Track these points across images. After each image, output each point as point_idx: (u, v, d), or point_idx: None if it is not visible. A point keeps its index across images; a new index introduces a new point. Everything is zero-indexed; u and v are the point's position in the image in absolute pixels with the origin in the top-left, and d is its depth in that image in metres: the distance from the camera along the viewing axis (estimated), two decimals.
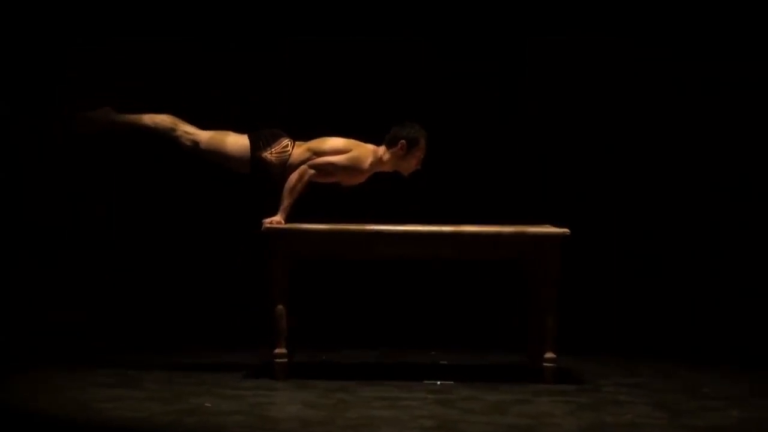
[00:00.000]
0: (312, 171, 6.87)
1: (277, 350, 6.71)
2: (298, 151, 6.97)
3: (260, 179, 6.95)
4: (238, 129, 7.04)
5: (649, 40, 8.40)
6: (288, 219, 6.79)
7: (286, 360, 6.72)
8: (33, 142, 8.40)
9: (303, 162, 6.92)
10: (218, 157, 6.97)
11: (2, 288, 8.34)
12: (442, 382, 6.73)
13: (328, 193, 7.15)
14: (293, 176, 6.87)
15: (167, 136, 6.98)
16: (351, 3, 8.43)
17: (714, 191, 8.45)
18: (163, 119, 7.00)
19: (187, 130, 6.97)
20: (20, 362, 7.17)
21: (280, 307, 6.68)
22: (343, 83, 8.47)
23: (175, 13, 8.40)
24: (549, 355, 6.67)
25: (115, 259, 8.54)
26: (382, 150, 6.95)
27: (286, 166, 6.95)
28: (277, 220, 6.76)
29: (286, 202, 6.82)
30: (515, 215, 7.16)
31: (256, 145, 6.97)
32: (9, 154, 8.40)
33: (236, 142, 6.96)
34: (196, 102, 7.79)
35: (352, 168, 6.93)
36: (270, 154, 6.94)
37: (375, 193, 7.39)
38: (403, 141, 6.90)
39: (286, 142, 6.96)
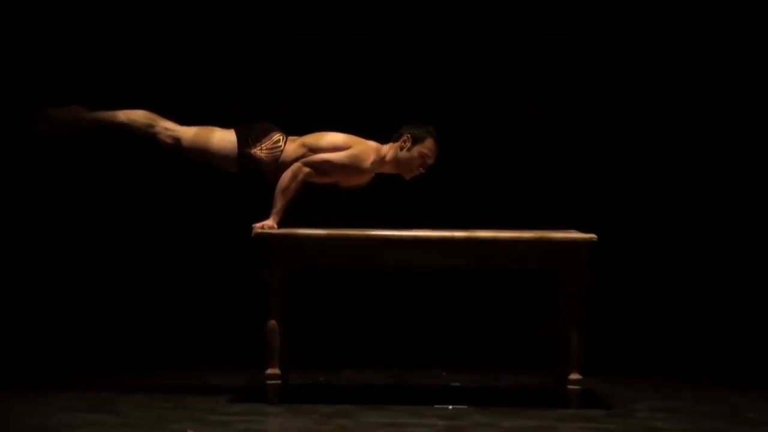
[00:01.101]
0: (307, 169, 5.61)
1: (270, 370, 5.38)
2: (292, 146, 5.72)
3: (253, 178, 5.71)
4: None
5: (649, 40, 7.44)
6: (281, 223, 5.53)
7: (279, 381, 5.42)
8: (33, 142, 7.27)
9: (297, 159, 5.64)
10: (203, 156, 5.78)
11: (2, 288, 7.43)
12: (454, 406, 5.46)
13: (327, 193, 5.91)
14: (286, 175, 5.57)
15: (145, 134, 5.75)
16: (351, 3, 7.50)
17: (714, 191, 7.44)
18: (139, 116, 5.76)
19: (167, 126, 5.77)
20: None
21: (272, 322, 5.43)
22: (343, 83, 7.50)
23: (175, 13, 7.47)
24: (574, 376, 5.33)
25: (115, 259, 7.57)
26: (386, 148, 5.76)
27: (278, 164, 5.67)
28: (269, 225, 5.52)
29: (278, 204, 5.54)
30: (514, 217, 6.38)
31: (244, 141, 5.72)
32: (9, 154, 7.48)
33: (223, 138, 5.72)
34: (196, 102, 6.91)
35: (351, 167, 5.62)
36: (260, 150, 5.68)
37: (375, 195, 6.21)
38: (407, 134, 5.65)
39: (277, 136, 5.63)
